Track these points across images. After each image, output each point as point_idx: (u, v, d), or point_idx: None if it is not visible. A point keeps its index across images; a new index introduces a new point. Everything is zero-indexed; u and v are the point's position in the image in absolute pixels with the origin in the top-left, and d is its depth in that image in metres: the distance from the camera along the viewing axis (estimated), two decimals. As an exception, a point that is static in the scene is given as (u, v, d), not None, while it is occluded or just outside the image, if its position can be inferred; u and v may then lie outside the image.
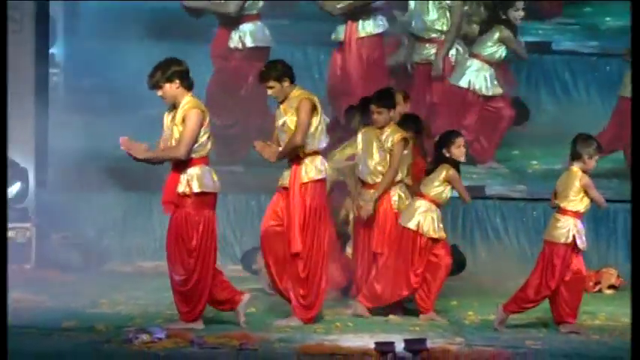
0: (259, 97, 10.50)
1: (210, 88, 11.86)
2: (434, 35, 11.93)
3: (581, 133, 8.73)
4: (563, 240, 8.47)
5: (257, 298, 9.23)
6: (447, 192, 9.04)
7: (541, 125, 12.58)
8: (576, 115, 12.47)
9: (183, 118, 8.06)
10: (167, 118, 8.22)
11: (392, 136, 9.19)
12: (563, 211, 8.52)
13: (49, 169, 12.05)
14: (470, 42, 12.13)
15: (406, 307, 9.25)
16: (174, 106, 8.16)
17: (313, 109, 8.49)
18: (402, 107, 9.95)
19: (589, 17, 12.75)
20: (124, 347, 7.45)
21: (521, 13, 11.88)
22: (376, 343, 7.37)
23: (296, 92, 8.54)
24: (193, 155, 8.07)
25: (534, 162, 12.65)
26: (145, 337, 7.62)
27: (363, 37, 11.59)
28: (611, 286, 11.08)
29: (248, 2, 11.32)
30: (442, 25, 11.73)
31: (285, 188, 8.57)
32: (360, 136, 9.39)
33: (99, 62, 11.89)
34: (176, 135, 8.09)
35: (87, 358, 7.10)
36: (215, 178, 8.20)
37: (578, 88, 12.60)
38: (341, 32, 11.67)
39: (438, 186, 9.00)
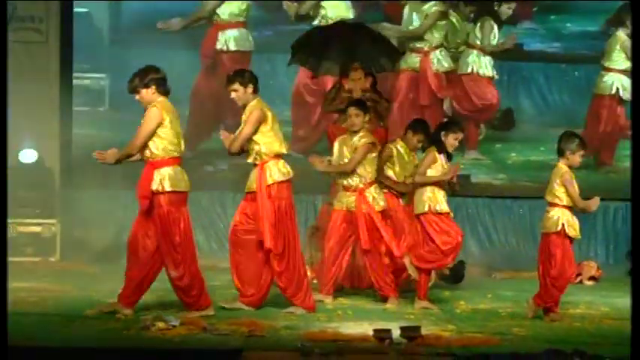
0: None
1: (197, 84, 12.01)
2: (419, 45, 12.01)
3: (566, 131, 8.76)
4: (554, 229, 8.48)
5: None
6: (441, 172, 8.97)
7: (519, 122, 12.69)
8: (551, 114, 12.55)
9: (144, 116, 8.10)
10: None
11: (362, 139, 9.21)
12: (551, 204, 8.54)
13: (73, 170, 12.07)
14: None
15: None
16: None
17: (261, 120, 8.47)
18: (364, 82, 9.99)
19: (557, 22, 12.75)
20: (141, 333, 7.48)
21: (510, 12, 11.93)
22: (374, 330, 7.41)
23: (254, 102, 8.54)
24: (165, 154, 8.07)
25: (513, 154, 12.74)
26: (160, 324, 7.64)
27: None
28: (591, 278, 11.09)
29: (233, 9, 11.52)
30: (430, 35, 11.80)
31: (252, 192, 8.58)
32: (336, 144, 9.41)
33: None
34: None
35: (108, 344, 7.11)
36: (186, 177, 8.20)
37: (552, 90, 12.62)
38: None
39: (430, 171, 8.98)
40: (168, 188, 8.05)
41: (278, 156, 8.58)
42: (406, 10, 12.02)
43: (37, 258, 11.19)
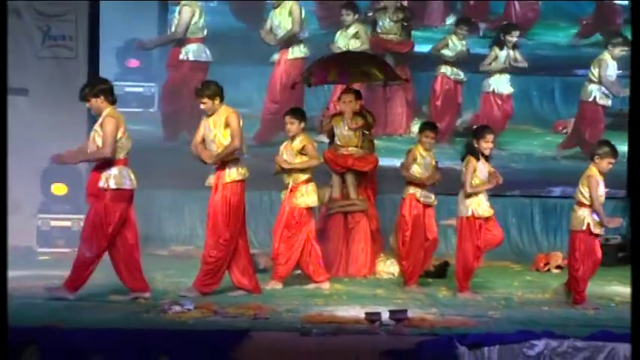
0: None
1: (163, 91, 12.14)
2: None
3: (599, 140, 8.70)
4: (579, 227, 8.40)
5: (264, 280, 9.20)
6: (482, 179, 8.82)
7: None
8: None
9: (102, 125, 8.05)
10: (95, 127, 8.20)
11: (303, 142, 9.21)
12: (579, 203, 8.43)
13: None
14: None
15: None
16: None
17: (239, 120, 8.47)
18: (355, 104, 10.04)
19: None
20: (160, 316, 7.48)
21: (515, 39, 11.98)
22: (366, 313, 7.38)
23: (223, 108, 8.48)
24: (114, 157, 8.04)
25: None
26: (177, 308, 7.65)
27: (289, 60, 11.91)
28: (557, 267, 11.05)
29: (193, 27, 11.75)
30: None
31: (212, 188, 8.55)
32: (280, 148, 9.37)
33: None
34: (98, 141, 8.06)
35: (130, 325, 7.08)
36: (132, 176, 8.17)
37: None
38: (276, 55, 11.99)
39: (471, 178, 8.79)
40: (112, 186, 8.03)
41: (237, 158, 8.53)
42: None
43: (67, 249, 11.10)
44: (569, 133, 12.25)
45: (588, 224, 8.37)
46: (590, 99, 12.06)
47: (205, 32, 11.87)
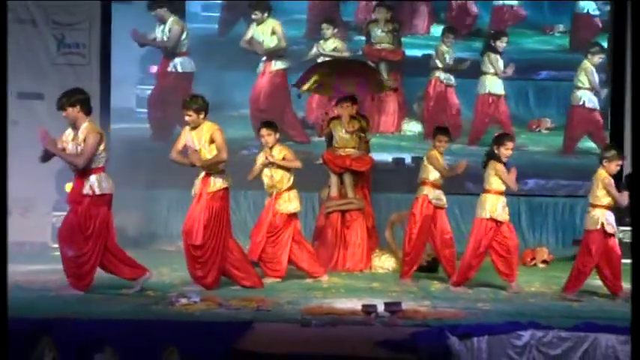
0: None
1: (151, 97, 12.25)
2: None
3: (605, 144, 8.69)
4: (594, 227, 8.40)
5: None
6: (501, 183, 8.76)
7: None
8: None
9: (85, 139, 8.03)
10: (68, 134, 8.18)
11: (282, 153, 9.20)
12: (593, 205, 8.45)
13: (110, 173, 12.02)
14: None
15: None
16: (74, 126, 8.14)
17: (221, 133, 8.48)
18: (352, 109, 10.17)
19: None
20: (168, 308, 7.50)
21: (505, 44, 12.19)
22: (363, 305, 7.41)
23: (207, 123, 8.49)
24: (94, 165, 8.06)
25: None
26: (184, 300, 7.66)
27: (273, 70, 12.13)
28: (543, 261, 11.08)
29: (181, 43, 12.10)
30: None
31: (197, 195, 8.52)
32: (260, 157, 9.32)
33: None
34: (77, 149, 8.07)
35: (139, 317, 7.10)
36: (110, 181, 8.20)
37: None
38: (261, 66, 12.18)
39: (494, 181, 8.75)
40: (97, 192, 8.06)
41: (222, 170, 8.54)
42: None
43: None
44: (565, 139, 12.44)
45: (602, 224, 8.38)
46: (580, 103, 12.29)
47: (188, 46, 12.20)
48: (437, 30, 12.46)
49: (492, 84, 12.30)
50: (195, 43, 12.33)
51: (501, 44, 12.23)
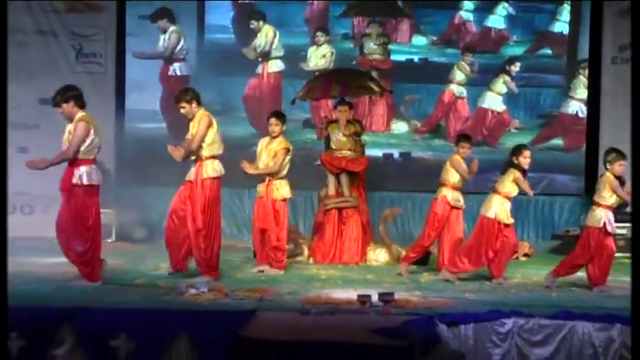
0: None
1: (162, 100, 12.29)
2: None
3: (608, 148, 8.65)
4: (596, 224, 8.37)
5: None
6: (514, 189, 8.73)
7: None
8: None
9: (75, 128, 7.93)
10: (68, 131, 8.06)
11: (281, 145, 9.10)
12: (597, 204, 8.40)
13: (125, 171, 12.04)
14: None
15: None
16: (71, 121, 8.04)
17: (209, 125, 8.34)
18: (348, 114, 10.22)
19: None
20: (177, 298, 7.45)
21: (518, 69, 12.55)
22: (358, 295, 7.38)
23: (200, 112, 8.39)
24: (84, 156, 7.92)
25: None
26: (192, 290, 7.62)
27: (270, 72, 12.38)
28: (525, 255, 11.05)
29: (179, 50, 12.28)
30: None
31: (191, 182, 8.40)
32: (258, 147, 9.24)
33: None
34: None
35: (151, 306, 7.06)
36: (99, 173, 8.09)
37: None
38: (259, 68, 12.43)
39: (508, 185, 8.72)
40: (85, 182, 7.92)
41: (214, 157, 8.42)
42: None
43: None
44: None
45: (604, 223, 8.33)
46: (573, 113, 12.53)
47: (185, 52, 12.33)
48: (418, 40, 12.76)
49: (495, 101, 12.59)
50: (214, 51, 12.37)
51: (515, 68, 12.60)
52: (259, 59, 12.33)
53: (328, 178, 10.33)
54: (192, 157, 8.42)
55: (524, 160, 8.74)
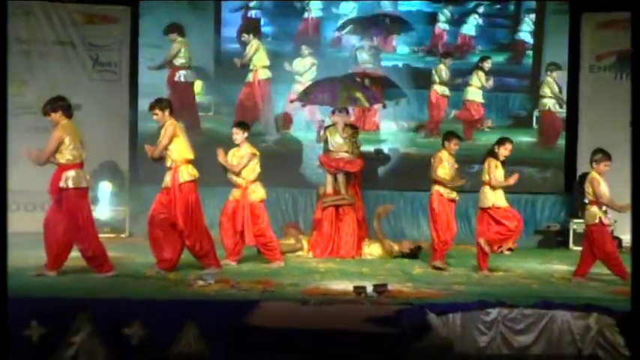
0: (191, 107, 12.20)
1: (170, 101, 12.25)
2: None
3: (595, 148, 8.52)
4: (593, 221, 8.29)
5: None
6: (499, 174, 8.68)
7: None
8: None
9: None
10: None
11: (246, 150, 9.13)
12: (590, 202, 8.33)
13: (138, 171, 12.06)
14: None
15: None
16: None
17: (174, 134, 8.28)
18: (346, 118, 10.30)
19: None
20: (186, 289, 7.45)
21: (490, 65, 12.66)
22: (354, 287, 7.36)
23: (169, 121, 8.34)
24: (69, 162, 7.85)
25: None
26: (201, 282, 7.61)
27: (260, 80, 12.47)
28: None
29: (181, 58, 12.36)
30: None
31: (167, 188, 8.37)
32: (229, 154, 9.22)
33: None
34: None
35: (162, 296, 7.06)
36: (87, 177, 8.02)
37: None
38: (250, 76, 12.51)
39: (491, 173, 8.66)
40: (71, 186, 7.85)
41: (188, 161, 8.39)
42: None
43: (112, 234, 11.11)
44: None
45: (600, 218, 8.28)
46: (547, 108, 12.51)
47: (191, 61, 12.40)
48: (401, 49, 12.85)
49: (476, 94, 12.66)
50: (227, 60, 12.49)
51: (487, 65, 12.66)
52: (250, 68, 12.41)
53: (326, 177, 10.34)
54: (167, 164, 8.38)
55: (504, 151, 8.71)
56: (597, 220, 8.31)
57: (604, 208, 8.32)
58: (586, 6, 11.95)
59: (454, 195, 9.22)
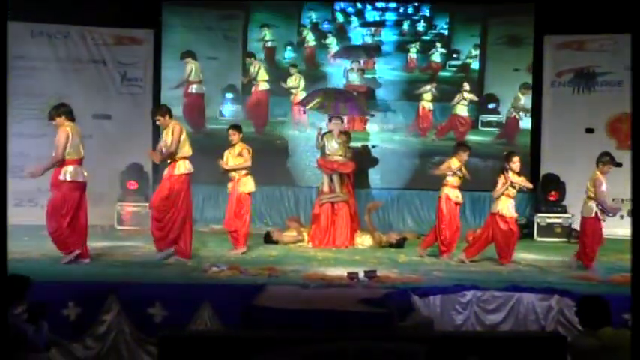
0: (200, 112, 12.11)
1: (185, 109, 12.20)
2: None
3: (602, 152, 8.31)
4: (589, 215, 8.15)
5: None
6: (511, 191, 8.48)
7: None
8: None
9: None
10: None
11: (241, 147, 9.00)
12: (588, 197, 8.17)
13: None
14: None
15: None
16: None
17: (181, 132, 8.22)
18: (342, 125, 10.23)
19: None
20: (202, 274, 7.44)
21: (468, 88, 12.30)
22: (348, 272, 7.38)
23: (173, 122, 8.29)
24: (69, 157, 7.77)
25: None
26: (214, 268, 7.60)
27: (259, 90, 12.35)
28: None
29: (194, 75, 12.27)
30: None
31: (164, 180, 8.29)
32: (225, 153, 9.10)
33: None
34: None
35: (181, 280, 7.06)
36: (85, 173, 7.91)
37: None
38: (252, 88, 12.42)
39: (502, 186, 8.45)
40: (68, 179, 7.77)
41: (185, 157, 8.29)
42: None
43: (137, 227, 11.07)
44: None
45: (596, 212, 8.14)
46: (512, 116, 12.26)
47: (201, 76, 12.29)
48: (379, 67, 12.57)
49: (462, 109, 12.35)
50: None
51: (466, 87, 12.28)
52: (252, 82, 12.35)
53: (323, 178, 10.31)
54: (168, 160, 8.29)
55: (514, 165, 8.48)
56: (593, 215, 8.16)
57: (598, 206, 8.16)
58: (547, 29, 11.93)
59: (460, 199, 9.04)
